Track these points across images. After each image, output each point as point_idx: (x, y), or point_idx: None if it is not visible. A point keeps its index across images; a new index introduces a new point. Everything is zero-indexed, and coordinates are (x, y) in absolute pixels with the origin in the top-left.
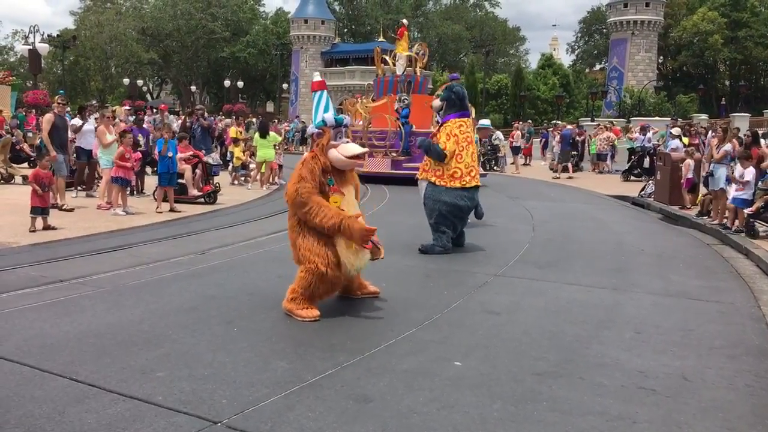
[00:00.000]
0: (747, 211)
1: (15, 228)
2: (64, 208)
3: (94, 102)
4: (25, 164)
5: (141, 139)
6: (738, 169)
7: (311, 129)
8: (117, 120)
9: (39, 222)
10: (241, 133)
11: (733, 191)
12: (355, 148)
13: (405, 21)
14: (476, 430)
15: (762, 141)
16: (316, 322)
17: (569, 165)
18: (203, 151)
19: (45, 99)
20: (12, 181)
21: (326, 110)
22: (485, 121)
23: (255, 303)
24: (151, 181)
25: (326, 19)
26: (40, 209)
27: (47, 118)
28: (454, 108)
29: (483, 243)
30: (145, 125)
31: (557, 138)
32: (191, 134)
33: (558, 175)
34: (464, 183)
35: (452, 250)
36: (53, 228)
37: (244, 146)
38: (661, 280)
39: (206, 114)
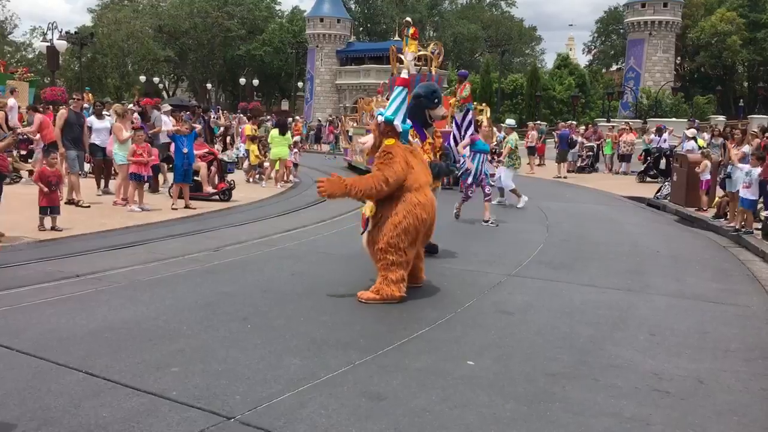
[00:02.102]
0: (764, 213)
1: (32, 223)
2: (81, 204)
3: (109, 99)
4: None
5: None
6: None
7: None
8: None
9: (48, 221)
10: (255, 130)
11: (742, 190)
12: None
13: (409, 19)
14: (489, 429)
15: None
16: (330, 320)
17: (564, 165)
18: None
19: (63, 95)
20: (17, 180)
21: (398, 110)
22: (510, 121)
23: (269, 300)
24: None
25: (342, 17)
26: (48, 208)
27: (60, 114)
28: None
29: (497, 243)
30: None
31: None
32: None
33: (564, 174)
34: None
35: (466, 250)
36: (59, 229)
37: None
38: (676, 282)
39: (220, 114)
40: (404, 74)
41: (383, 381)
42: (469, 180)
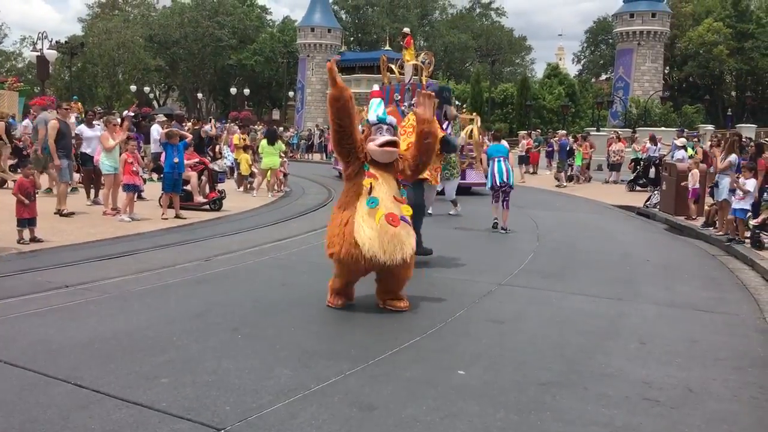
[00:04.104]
0: (752, 222)
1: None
2: (64, 213)
3: (99, 108)
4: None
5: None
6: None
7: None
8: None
9: (27, 233)
10: (244, 140)
11: (734, 201)
12: (385, 138)
13: (407, 30)
14: None
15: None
16: (321, 330)
17: (563, 174)
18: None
19: (52, 105)
20: (5, 186)
21: (376, 111)
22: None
23: (260, 310)
24: (154, 188)
25: (333, 27)
26: (27, 221)
27: (52, 125)
28: None
29: (487, 252)
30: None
31: (555, 147)
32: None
33: (564, 184)
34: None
35: (457, 259)
36: (40, 240)
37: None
38: (666, 290)
39: (211, 123)
40: (375, 88)
41: (374, 391)
42: (489, 185)
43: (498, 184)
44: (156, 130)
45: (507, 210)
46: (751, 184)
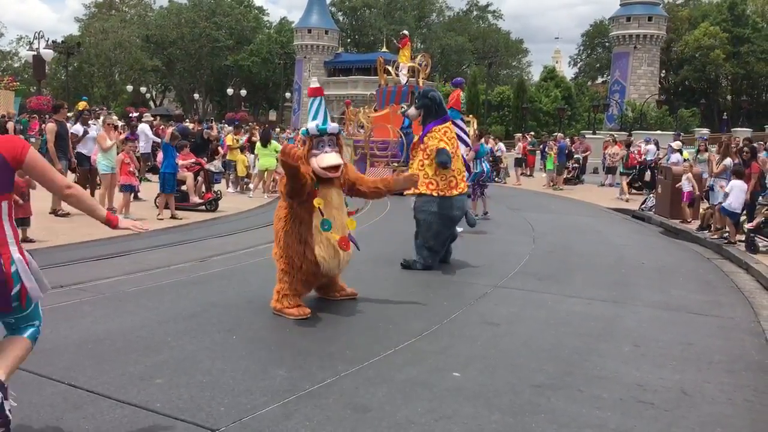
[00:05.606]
0: (747, 226)
1: None
2: (60, 213)
3: (96, 108)
4: None
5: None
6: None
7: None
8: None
9: (20, 233)
10: (237, 141)
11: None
12: (330, 160)
13: (406, 32)
14: None
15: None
16: (316, 331)
17: (561, 178)
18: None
19: (48, 105)
20: None
21: (315, 117)
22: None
23: (254, 311)
24: (150, 189)
25: (330, 29)
26: (20, 220)
27: (50, 128)
28: (433, 115)
29: (483, 254)
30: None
31: (554, 150)
32: (194, 143)
33: (561, 187)
34: (460, 190)
35: (452, 261)
36: (31, 240)
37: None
38: (661, 293)
39: (213, 125)
40: (314, 83)
41: (369, 393)
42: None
43: (473, 180)
44: (146, 129)
45: (486, 197)
46: (732, 187)
